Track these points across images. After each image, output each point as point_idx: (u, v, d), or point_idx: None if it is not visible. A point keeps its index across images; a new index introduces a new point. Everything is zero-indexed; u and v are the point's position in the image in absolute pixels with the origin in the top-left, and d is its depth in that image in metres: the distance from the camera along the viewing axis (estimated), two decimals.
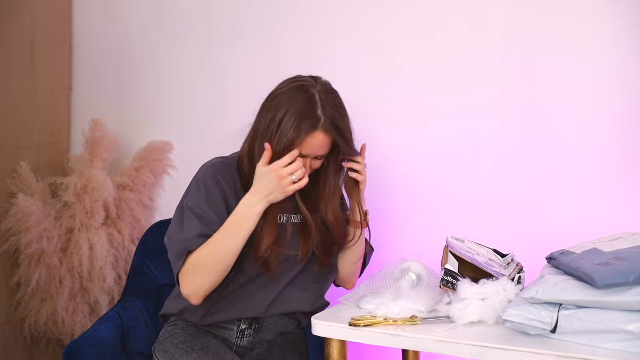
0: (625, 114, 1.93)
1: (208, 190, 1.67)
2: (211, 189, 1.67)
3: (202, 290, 1.64)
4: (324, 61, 2.24)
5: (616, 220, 1.90)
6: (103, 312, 2.40)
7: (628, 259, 1.36)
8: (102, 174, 2.41)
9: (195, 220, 1.64)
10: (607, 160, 1.95)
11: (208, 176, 1.69)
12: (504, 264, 1.68)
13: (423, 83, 2.15)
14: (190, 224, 1.64)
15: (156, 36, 2.55)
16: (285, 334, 1.77)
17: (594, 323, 1.32)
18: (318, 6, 2.27)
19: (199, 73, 2.47)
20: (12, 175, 2.41)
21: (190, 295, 1.64)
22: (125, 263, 2.46)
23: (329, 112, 1.63)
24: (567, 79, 1.98)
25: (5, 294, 2.41)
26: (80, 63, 2.67)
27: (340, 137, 1.64)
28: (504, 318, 1.40)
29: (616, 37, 1.92)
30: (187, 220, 1.65)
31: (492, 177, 2.07)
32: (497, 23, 2.06)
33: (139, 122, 2.59)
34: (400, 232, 2.19)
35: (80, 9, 2.65)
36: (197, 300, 1.65)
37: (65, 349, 1.81)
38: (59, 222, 2.41)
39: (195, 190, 1.68)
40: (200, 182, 1.68)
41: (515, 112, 2.04)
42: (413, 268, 1.66)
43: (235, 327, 1.74)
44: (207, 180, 1.68)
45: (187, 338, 1.69)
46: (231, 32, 2.40)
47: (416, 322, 1.48)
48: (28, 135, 2.50)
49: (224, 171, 1.70)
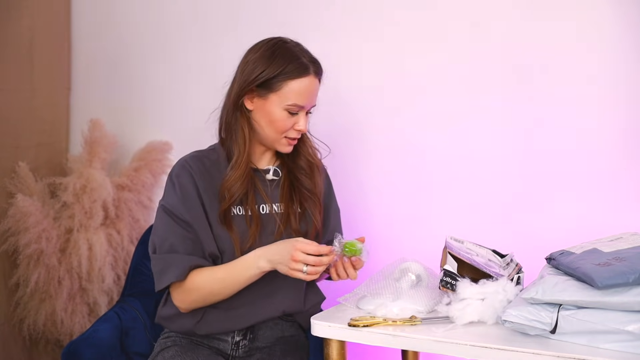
0: (625, 115, 1.93)
1: (183, 191, 1.67)
2: (185, 186, 1.67)
3: (194, 307, 1.67)
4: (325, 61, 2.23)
5: (616, 220, 1.90)
6: (102, 312, 2.40)
7: (628, 259, 1.36)
8: (101, 175, 2.41)
9: (174, 226, 1.64)
10: (607, 160, 1.95)
11: (182, 175, 1.69)
12: (503, 264, 1.67)
13: (425, 84, 2.14)
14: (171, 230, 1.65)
15: (155, 36, 2.54)
16: (285, 338, 1.76)
17: (593, 323, 1.32)
18: (318, 7, 2.27)
19: (198, 73, 2.47)
20: (11, 176, 2.41)
21: (181, 308, 1.68)
22: (125, 263, 2.46)
23: (311, 56, 1.69)
24: (567, 80, 1.98)
25: (4, 294, 2.41)
26: (79, 63, 2.67)
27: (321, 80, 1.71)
28: (503, 319, 1.39)
29: (618, 38, 1.92)
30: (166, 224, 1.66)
31: (492, 178, 2.07)
32: (497, 24, 2.05)
33: (138, 122, 2.59)
34: (400, 232, 2.19)
35: (79, 9, 2.65)
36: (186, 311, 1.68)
37: (64, 350, 1.81)
38: (57, 223, 2.41)
39: (171, 189, 1.68)
40: (175, 182, 1.69)
41: (515, 113, 2.04)
42: (412, 268, 1.66)
43: (230, 339, 1.72)
44: (181, 179, 1.68)
45: (178, 352, 1.67)
46: (231, 32, 2.39)
47: (416, 323, 1.48)
48: (27, 135, 2.50)
49: (196, 165, 1.70)
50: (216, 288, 1.64)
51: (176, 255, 1.63)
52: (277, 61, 1.65)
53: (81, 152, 2.49)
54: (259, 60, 1.67)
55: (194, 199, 1.67)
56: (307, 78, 1.66)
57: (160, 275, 1.64)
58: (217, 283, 1.63)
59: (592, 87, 1.96)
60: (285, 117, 1.67)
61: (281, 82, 1.64)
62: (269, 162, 1.78)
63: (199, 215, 1.66)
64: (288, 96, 1.65)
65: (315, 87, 1.69)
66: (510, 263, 1.69)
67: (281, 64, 1.64)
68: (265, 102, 1.67)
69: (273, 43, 1.68)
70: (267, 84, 1.65)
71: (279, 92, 1.65)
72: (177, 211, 1.65)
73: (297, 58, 1.66)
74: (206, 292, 1.64)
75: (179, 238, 1.64)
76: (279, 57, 1.65)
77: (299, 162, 1.77)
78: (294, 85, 1.65)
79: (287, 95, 1.65)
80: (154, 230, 1.69)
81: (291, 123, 1.68)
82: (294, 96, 1.65)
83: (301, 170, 1.77)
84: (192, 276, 1.63)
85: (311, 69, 1.67)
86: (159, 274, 1.65)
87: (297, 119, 1.68)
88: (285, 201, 1.74)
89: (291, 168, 1.77)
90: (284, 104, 1.65)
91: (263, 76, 1.65)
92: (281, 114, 1.66)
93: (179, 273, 1.62)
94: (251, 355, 1.73)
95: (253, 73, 1.66)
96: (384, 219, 2.20)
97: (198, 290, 1.63)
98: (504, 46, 2.05)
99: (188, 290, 1.64)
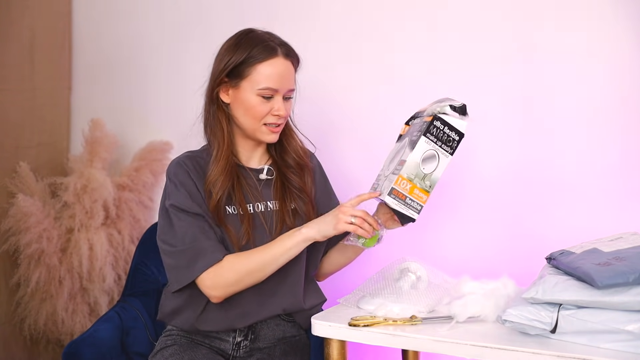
0: (625, 115, 1.93)
1: (186, 187, 1.67)
2: (187, 183, 1.67)
3: (229, 292, 1.63)
4: (324, 62, 2.24)
5: (616, 220, 1.90)
6: (103, 312, 2.40)
7: (628, 259, 1.36)
8: (102, 174, 2.41)
9: (191, 219, 1.63)
10: (607, 160, 1.95)
11: (180, 173, 1.69)
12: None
13: (426, 85, 2.14)
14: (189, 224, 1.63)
15: (156, 36, 2.55)
16: (286, 339, 1.76)
17: (593, 323, 1.32)
18: (318, 7, 2.27)
19: (199, 73, 2.46)
20: (12, 176, 2.41)
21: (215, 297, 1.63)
22: (125, 263, 2.46)
23: (280, 40, 1.69)
24: (567, 81, 1.98)
25: (5, 294, 2.41)
26: (79, 63, 2.67)
27: (297, 64, 1.70)
28: (503, 318, 1.39)
29: (617, 39, 1.92)
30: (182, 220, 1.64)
31: (492, 177, 2.07)
32: (497, 25, 2.05)
33: (138, 122, 2.59)
34: (400, 232, 2.18)
35: (80, 9, 2.65)
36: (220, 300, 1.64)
37: (65, 349, 1.81)
38: (58, 223, 2.41)
39: (174, 189, 1.67)
40: (175, 180, 1.68)
41: (516, 113, 2.04)
42: (413, 268, 1.66)
43: (231, 339, 1.72)
44: (180, 177, 1.68)
45: (178, 350, 1.67)
46: (231, 32, 2.38)
47: (416, 322, 1.48)
48: (28, 135, 2.50)
49: (191, 164, 1.70)
50: (254, 265, 1.60)
51: (204, 243, 1.61)
52: (243, 47, 1.66)
53: (82, 152, 2.49)
54: (226, 50, 1.69)
55: (197, 194, 1.67)
56: (276, 59, 1.65)
57: (189, 266, 1.61)
58: (255, 260, 1.60)
59: (592, 89, 1.96)
60: (260, 102, 1.66)
61: (249, 67, 1.65)
62: (261, 160, 1.78)
63: (204, 208, 1.66)
64: (258, 80, 1.65)
65: (287, 68, 1.67)
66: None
67: (246, 48, 1.65)
68: (239, 91, 1.67)
69: (240, 33, 1.71)
70: (236, 71, 1.66)
71: (249, 77, 1.65)
72: (188, 207, 1.64)
73: (263, 41, 1.66)
74: (244, 272, 1.60)
75: (200, 228, 1.62)
76: (245, 43, 1.66)
77: (288, 160, 1.77)
78: (262, 68, 1.64)
79: (257, 79, 1.65)
80: (166, 230, 1.66)
81: (267, 108, 1.66)
82: (264, 79, 1.64)
83: (290, 169, 1.76)
84: (228, 258, 1.61)
85: (279, 50, 1.66)
86: (188, 265, 1.61)
87: (273, 103, 1.67)
88: (279, 199, 1.74)
89: (280, 166, 1.77)
90: (255, 89, 1.65)
91: (230, 64, 1.66)
92: (255, 99, 1.66)
93: (213, 258, 1.59)
94: (251, 355, 1.73)
95: (221, 63, 1.68)
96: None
97: (236, 272, 1.59)
98: (504, 48, 2.04)
99: (224, 274, 1.59)
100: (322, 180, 1.85)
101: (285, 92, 1.68)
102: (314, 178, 1.81)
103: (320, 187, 1.83)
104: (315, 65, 2.01)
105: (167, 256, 1.65)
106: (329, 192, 1.86)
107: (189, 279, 1.61)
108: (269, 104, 1.66)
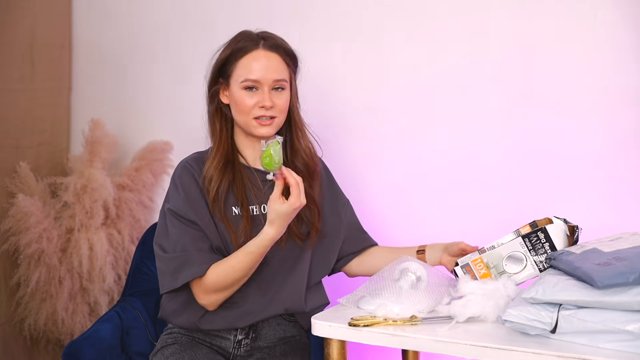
0: (625, 115, 1.93)
1: (186, 191, 1.68)
2: (188, 186, 1.68)
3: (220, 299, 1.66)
4: (324, 62, 2.24)
5: (616, 220, 1.90)
6: (103, 312, 2.40)
7: (628, 259, 1.36)
8: (102, 174, 2.41)
9: (184, 227, 1.65)
10: (607, 160, 1.95)
11: (184, 175, 1.70)
12: None
13: (427, 85, 2.14)
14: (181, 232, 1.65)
15: (156, 36, 2.55)
16: (287, 338, 1.76)
17: (593, 323, 1.32)
18: (318, 7, 2.27)
19: (199, 73, 2.46)
20: (12, 176, 2.41)
21: (208, 305, 1.67)
22: (125, 263, 2.46)
23: (266, 35, 1.71)
24: (567, 81, 1.98)
25: (5, 294, 2.41)
26: (79, 63, 2.67)
27: (287, 56, 1.70)
28: (503, 318, 1.39)
29: (619, 39, 1.92)
30: (175, 227, 1.66)
31: (492, 178, 2.07)
32: (497, 25, 2.06)
33: (138, 122, 2.59)
34: (401, 232, 2.19)
35: (80, 9, 2.65)
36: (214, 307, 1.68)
37: (65, 349, 1.81)
38: (58, 222, 2.41)
39: (174, 192, 1.69)
40: (177, 183, 1.70)
41: (515, 113, 2.04)
42: (412, 268, 1.66)
43: (232, 337, 1.72)
44: (183, 179, 1.69)
45: (178, 350, 1.68)
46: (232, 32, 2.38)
47: (416, 322, 1.48)
48: (28, 135, 2.50)
49: (197, 165, 1.71)
50: (235, 270, 1.62)
51: (192, 254, 1.63)
52: (228, 46, 1.71)
53: (82, 151, 2.49)
54: (218, 52, 1.73)
55: (197, 197, 1.68)
56: (256, 52, 1.67)
57: (174, 273, 1.64)
58: (235, 265, 1.62)
59: (592, 89, 1.96)
60: (245, 95, 1.67)
61: (233, 64, 1.69)
62: None
63: (203, 213, 1.67)
64: (240, 74, 1.68)
65: (269, 60, 1.68)
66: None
67: (230, 46, 1.70)
68: (230, 90, 1.70)
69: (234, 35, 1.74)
70: (224, 71, 1.70)
71: (234, 74, 1.69)
72: (183, 212, 1.66)
73: (244, 37, 1.69)
74: (230, 280, 1.63)
75: (191, 238, 1.65)
76: (230, 42, 1.71)
77: (297, 163, 1.76)
78: (243, 62, 1.68)
79: (239, 73, 1.68)
80: (162, 233, 1.69)
81: (253, 101, 1.67)
82: (245, 72, 1.67)
83: (299, 173, 1.76)
84: (211, 269, 1.63)
85: (261, 43, 1.68)
86: (173, 273, 1.64)
87: (259, 95, 1.67)
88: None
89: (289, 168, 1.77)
90: (239, 83, 1.68)
91: (218, 62, 1.70)
92: (240, 93, 1.68)
93: (199, 270, 1.62)
94: (252, 354, 1.73)
95: (212, 64, 1.73)
96: (385, 218, 2.20)
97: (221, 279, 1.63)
98: (504, 48, 2.05)
99: (211, 283, 1.63)
100: (329, 183, 1.85)
101: (271, 83, 1.68)
102: (321, 183, 1.81)
103: (326, 193, 1.83)
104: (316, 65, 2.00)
105: (158, 259, 1.69)
106: (337, 194, 1.86)
107: (172, 287, 1.65)
108: (254, 97, 1.67)
